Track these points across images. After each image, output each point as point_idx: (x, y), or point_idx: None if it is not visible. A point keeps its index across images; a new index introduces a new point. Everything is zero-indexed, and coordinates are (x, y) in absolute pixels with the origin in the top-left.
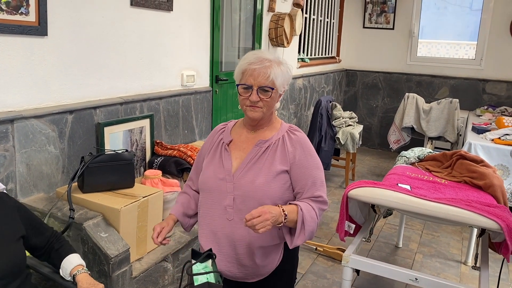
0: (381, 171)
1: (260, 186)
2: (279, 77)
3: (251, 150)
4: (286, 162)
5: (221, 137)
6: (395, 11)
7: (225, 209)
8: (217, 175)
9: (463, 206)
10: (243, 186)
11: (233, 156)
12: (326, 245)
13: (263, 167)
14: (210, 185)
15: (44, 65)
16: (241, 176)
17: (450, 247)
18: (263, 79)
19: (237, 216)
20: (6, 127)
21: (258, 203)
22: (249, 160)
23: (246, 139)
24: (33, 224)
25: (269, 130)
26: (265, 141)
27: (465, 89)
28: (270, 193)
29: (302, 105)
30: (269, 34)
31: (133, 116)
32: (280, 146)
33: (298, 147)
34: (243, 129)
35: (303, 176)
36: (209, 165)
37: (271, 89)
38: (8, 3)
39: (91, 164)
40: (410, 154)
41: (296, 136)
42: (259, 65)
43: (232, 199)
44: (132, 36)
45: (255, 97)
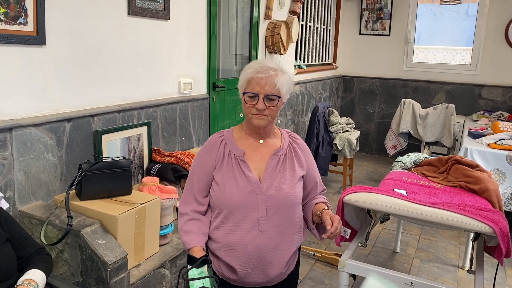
0: (378, 176)
1: (289, 193)
2: (284, 86)
3: (270, 159)
4: (303, 168)
5: (228, 150)
6: (391, 18)
7: (257, 221)
8: (243, 189)
9: (457, 211)
10: (274, 196)
11: (251, 167)
12: (324, 251)
13: (288, 175)
14: (238, 200)
15: (42, 74)
16: (269, 186)
17: (447, 251)
18: (270, 88)
19: (270, 227)
20: (5, 135)
21: (290, 210)
22: (271, 170)
23: (256, 149)
24: (16, 237)
25: (275, 138)
26: (280, 149)
27: (461, 95)
28: (297, 199)
29: (300, 111)
30: (266, 42)
31: (130, 124)
32: (294, 153)
33: (306, 153)
34: (248, 139)
35: (312, 177)
36: (229, 179)
37: (277, 97)
38: (6, 14)
39: (89, 172)
40: (406, 159)
41: (301, 141)
42: (265, 73)
43: (265, 210)
44: (129, 44)
45: (261, 105)
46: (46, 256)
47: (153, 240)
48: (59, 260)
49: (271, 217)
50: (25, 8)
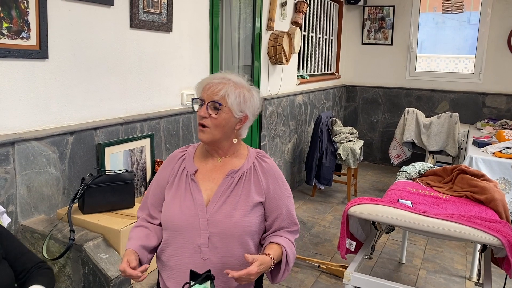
0: (383, 186)
1: (239, 221)
2: (232, 96)
3: (223, 180)
4: (262, 193)
5: (183, 166)
6: (393, 27)
7: (198, 248)
8: (186, 210)
9: (464, 222)
10: (220, 222)
11: (202, 187)
12: (329, 263)
13: (239, 199)
14: (179, 223)
15: (45, 87)
16: (216, 211)
17: (454, 262)
18: (213, 93)
19: (214, 255)
20: (7, 149)
21: (237, 240)
22: (222, 192)
23: (213, 168)
24: (13, 252)
25: (237, 158)
26: (236, 171)
27: (465, 103)
28: (249, 228)
29: (303, 121)
30: (268, 52)
31: (133, 136)
32: (253, 176)
33: (270, 177)
34: (208, 157)
35: (278, 206)
36: (174, 199)
37: (219, 104)
38: (9, 28)
39: (91, 185)
40: (410, 169)
41: (267, 164)
42: (213, 80)
43: (207, 237)
44: (132, 57)
45: (203, 111)
46: (46, 270)
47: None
48: (62, 275)
49: (214, 245)
50: (28, 22)
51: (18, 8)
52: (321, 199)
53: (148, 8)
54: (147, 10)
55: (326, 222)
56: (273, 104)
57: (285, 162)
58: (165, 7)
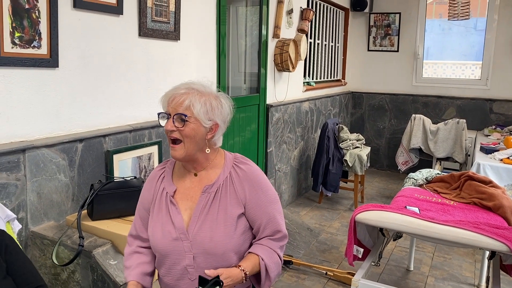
0: (390, 192)
1: (220, 240)
2: (197, 105)
3: (200, 198)
4: (240, 204)
5: (163, 186)
6: (399, 34)
7: (185, 269)
8: (168, 235)
9: (472, 229)
10: (202, 243)
11: (181, 207)
12: (336, 270)
13: (218, 216)
14: (163, 248)
15: (55, 95)
16: (197, 232)
17: (462, 269)
18: (178, 105)
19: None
20: (18, 156)
21: (221, 258)
22: (200, 211)
23: (191, 185)
24: (15, 268)
25: (212, 169)
26: (211, 186)
27: (472, 109)
28: (231, 245)
29: (309, 128)
30: (275, 60)
31: (141, 143)
32: (229, 187)
33: (247, 185)
34: (185, 174)
35: (258, 215)
36: (156, 222)
37: (184, 116)
38: (21, 38)
39: (100, 192)
40: (417, 176)
41: (243, 171)
42: (175, 91)
43: (192, 258)
44: (140, 65)
45: (170, 125)
46: None
47: None
48: (71, 281)
49: (200, 265)
50: (39, 32)
51: (30, 18)
52: (328, 206)
53: (156, 16)
54: (155, 19)
55: (333, 229)
56: (279, 111)
57: (292, 169)
58: (173, 16)
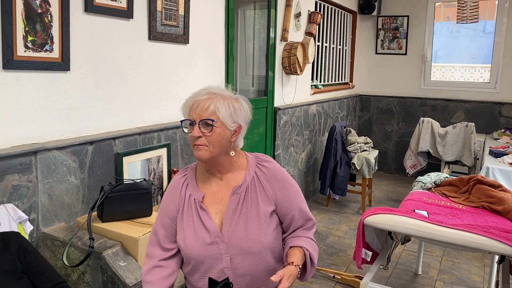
0: (398, 196)
1: (256, 239)
2: (222, 109)
3: (230, 200)
4: (270, 202)
5: (188, 193)
6: (407, 37)
7: (222, 272)
8: (203, 240)
9: (481, 233)
10: (238, 244)
11: (211, 212)
12: (344, 273)
13: (250, 215)
14: (199, 254)
15: (66, 98)
16: (232, 233)
17: (471, 274)
18: (203, 111)
19: (237, 277)
20: (30, 158)
21: (258, 257)
22: (232, 213)
23: (217, 189)
24: (34, 269)
25: (237, 171)
26: (239, 187)
27: (481, 113)
28: (266, 243)
29: (317, 131)
30: (283, 63)
31: (150, 146)
32: (257, 187)
33: (275, 182)
34: (210, 178)
35: (289, 209)
36: (188, 230)
37: (211, 121)
38: (34, 41)
39: (110, 194)
40: (426, 179)
41: (268, 169)
42: (198, 98)
43: (229, 260)
44: (149, 68)
45: (196, 131)
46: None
47: None
48: (81, 282)
49: (237, 266)
50: (51, 36)
51: (42, 22)
52: (336, 209)
53: (165, 20)
54: (164, 23)
55: (340, 232)
56: (287, 113)
57: (299, 172)
58: (182, 20)
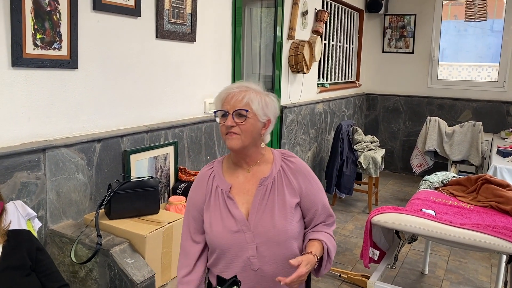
0: (404, 195)
1: (282, 227)
2: (255, 102)
3: (256, 191)
4: (296, 194)
5: (215, 184)
6: (414, 36)
7: (248, 260)
8: (229, 228)
9: (489, 232)
10: (264, 232)
11: (238, 201)
12: (350, 272)
13: (276, 205)
14: (226, 241)
15: (74, 96)
16: (258, 222)
17: (478, 274)
18: (237, 102)
19: (263, 265)
20: (38, 156)
21: (283, 246)
22: (258, 203)
23: (244, 180)
24: (43, 268)
25: (264, 164)
26: (266, 178)
27: (489, 112)
28: (291, 232)
29: (323, 130)
30: (289, 61)
31: (158, 144)
32: (284, 179)
33: (300, 176)
34: (237, 170)
35: (313, 203)
36: (215, 219)
37: (245, 111)
38: (42, 39)
39: (118, 191)
40: (433, 178)
41: (294, 164)
42: (233, 90)
43: (255, 248)
44: (157, 66)
45: (230, 121)
46: None
47: None
48: (88, 279)
49: (263, 254)
50: (60, 33)
51: (51, 20)
52: (342, 208)
53: (173, 18)
54: (172, 21)
55: (347, 231)
56: (293, 112)
57: None
58: (190, 18)
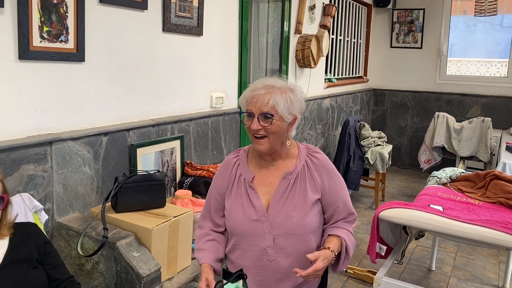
0: (411, 191)
1: (300, 221)
2: (280, 104)
3: (279, 184)
4: (317, 191)
5: (239, 172)
6: (422, 30)
7: (264, 250)
8: (249, 216)
9: (499, 228)
10: (282, 224)
11: (260, 192)
12: (356, 267)
13: (297, 200)
14: (244, 228)
15: (81, 89)
16: (277, 214)
17: (486, 270)
18: (262, 106)
19: (279, 256)
20: (45, 149)
21: (300, 240)
22: (280, 196)
23: (268, 172)
24: (51, 261)
25: (289, 159)
26: (290, 173)
27: (498, 108)
28: (309, 227)
29: (330, 125)
30: (296, 56)
31: (164, 138)
32: (307, 175)
33: (324, 173)
34: (261, 162)
35: (334, 200)
36: (236, 205)
37: (271, 115)
38: (49, 32)
39: (124, 185)
40: (441, 174)
41: (319, 160)
42: (258, 92)
43: (272, 239)
44: (163, 60)
45: (256, 125)
46: (77, 286)
47: (186, 253)
48: (95, 271)
49: (279, 246)
50: (67, 26)
51: (58, 13)
52: None
53: (180, 12)
54: (179, 14)
55: None
56: None
57: None
58: (196, 11)
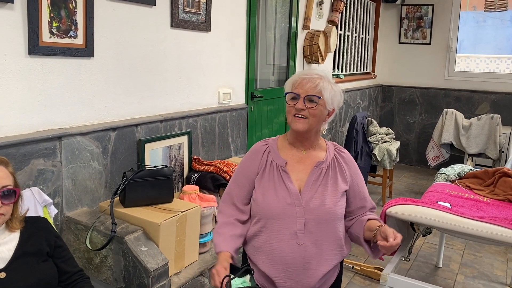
0: (419, 188)
1: (331, 208)
2: (327, 90)
3: (312, 171)
4: (346, 182)
5: (271, 158)
6: (431, 26)
7: (295, 234)
8: (283, 199)
9: (507, 225)
10: (314, 209)
11: (292, 178)
12: (363, 264)
13: (328, 188)
14: (277, 210)
15: (89, 84)
16: (310, 199)
17: (494, 268)
18: (311, 88)
19: (308, 240)
20: (55, 143)
21: (330, 226)
22: (312, 182)
23: (299, 160)
24: (61, 254)
25: (319, 150)
26: (322, 162)
27: (507, 104)
28: (337, 215)
29: (337, 121)
30: (304, 51)
31: (172, 133)
32: (337, 166)
33: (352, 166)
34: (292, 149)
35: (359, 193)
36: (269, 189)
37: (317, 98)
38: (58, 27)
39: (132, 180)
40: (449, 171)
41: (346, 155)
42: (309, 76)
43: (303, 223)
44: (171, 56)
45: (301, 105)
46: (87, 279)
47: (193, 248)
48: (103, 265)
49: (310, 230)
50: (76, 22)
51: (67, 9)
52: None
53: (188, 8)
54: (187, 10)
55: None
56: None
57: None
58: (204, 7)
